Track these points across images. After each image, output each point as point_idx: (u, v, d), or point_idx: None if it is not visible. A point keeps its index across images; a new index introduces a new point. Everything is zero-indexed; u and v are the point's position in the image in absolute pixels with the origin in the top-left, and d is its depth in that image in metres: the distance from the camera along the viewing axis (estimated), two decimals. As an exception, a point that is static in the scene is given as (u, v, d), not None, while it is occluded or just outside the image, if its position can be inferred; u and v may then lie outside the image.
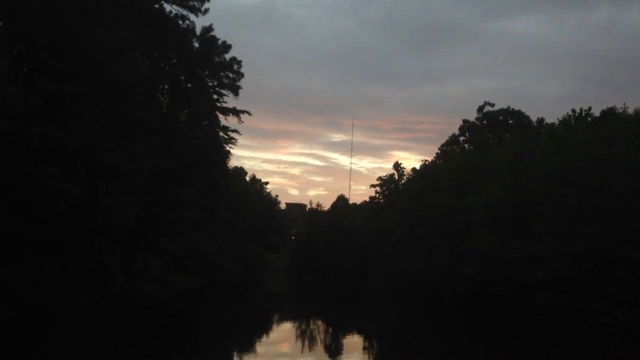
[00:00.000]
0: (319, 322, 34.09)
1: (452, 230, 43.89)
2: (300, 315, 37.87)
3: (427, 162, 65.74)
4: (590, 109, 50.76)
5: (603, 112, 46.89)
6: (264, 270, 73.61)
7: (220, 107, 48.91)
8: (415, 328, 33.36)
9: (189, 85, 45.08)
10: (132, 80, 26.74)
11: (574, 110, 51.14)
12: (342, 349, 24.16)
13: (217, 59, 47.01)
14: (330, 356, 22.03)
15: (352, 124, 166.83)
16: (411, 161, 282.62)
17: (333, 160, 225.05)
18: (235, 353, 21.48)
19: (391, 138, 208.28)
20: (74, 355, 18.06)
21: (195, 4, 40.72)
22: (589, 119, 49.00)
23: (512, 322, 32.98)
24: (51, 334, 20.70)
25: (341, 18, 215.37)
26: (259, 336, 26.39)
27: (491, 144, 55.52)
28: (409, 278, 53.17)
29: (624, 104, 49.45)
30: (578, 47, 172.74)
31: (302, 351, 22.28)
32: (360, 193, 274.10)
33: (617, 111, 43.82)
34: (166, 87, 42.93)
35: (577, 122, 48.21)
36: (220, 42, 46.58)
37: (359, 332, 30.07)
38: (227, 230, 58.15)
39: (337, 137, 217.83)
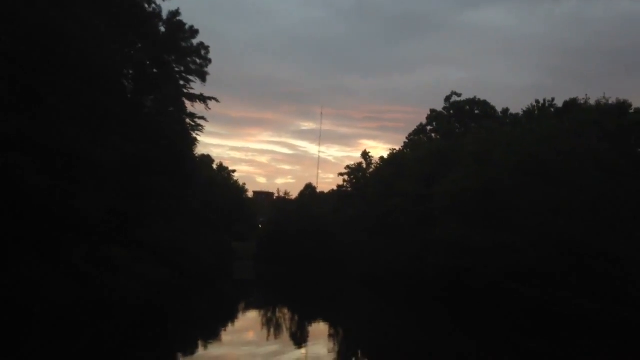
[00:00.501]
0: (285, 310, 34.21)
1: (420, 218, 44.48)
2: (267, 303, 37.93)
3: (395, 151, 66.28)
4: (553, 99, 51.94)
5: (566, 103, 47.96)
6: (232, 258, 73.20)
7: (187, 93, 48.10)
8: (382, 315, 33.73)
9: (154, 70, 44.17)
10: (96, 65, 26.03)
11: (537, 101, 52.29)
12: (307, 336, 24.35)
13: (184, 44, 46.16)
14: (295, 343, 22.17)
15: (321, 112, 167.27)
16: (380, 150, 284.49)
17: (302, 149, 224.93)
18: (201, 342, 21.43)
19: (360, 127, 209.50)
20: (50, 350, 17.72)
21: (162, -12, 39.85)
22: (552, 109, 50.11)
23: (482, 310, 33.64)
24: (25, 329, 20.21)
25: (312, 6, 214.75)
26: (224, 325, 26.40)
27: (458, 133, 56.29)
28: (378, 266, 53.66)
29: (586, 95, 50.68)
30: (544, 38, 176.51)
31: (267, 339, 22.38)
32: (328, 182, 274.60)
33: (579, 102, 44.86)
34: (131, 72, 41.91)
35: (541, 112, 49.29)
36: (187, 27, 45.75)
37: (325, 320, 30.28)
38: (196, 219, 57.51)
39: (307, 125, 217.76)
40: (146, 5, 41.72)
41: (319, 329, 27.40)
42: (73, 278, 23.32)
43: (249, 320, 29.24)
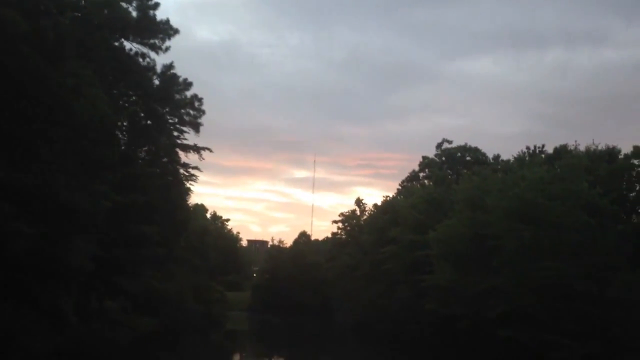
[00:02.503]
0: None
1: (414, 265, 44.20)
2: (262, 354, 37.13)
3: (388, 198, 66.42)
4: (543, 146, 52.45)
5: (556, 149, 48.44)
6: (225, 309, 72.06)
7: (180, 144, 48.38)
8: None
9: (148, 122, 44.63)
10: (90, 117, 26.31)
11: (528, 147, 52.78)
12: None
13: (177, 96, 46.73)
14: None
15: (314, 161, 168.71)
16: (374, 197, 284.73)
17: (296, 197, 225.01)
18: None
19: (354, 174, 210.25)
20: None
21: (156, 42, 40.68)
22: (543, 155, 50.59)
23: (477, 356, 33.08)
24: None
25: (304, 58, 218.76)
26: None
27: (450, 179, 56.58)
28: (373, 314, 52.98)
29: (576, 141, 51.41)
30: (533, 86, 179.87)
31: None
32: (322, 229, 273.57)
33: (569, 148, 45.35)
34: (125, 124, 42.33)
35: (532, 158, 49.76)
36: (181, 79, 46.41)
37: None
38: (188, 269, 56.93)
39: (301, 173, 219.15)
40: (140, 60, 42.55)
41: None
42: (54, 326, 22.84)
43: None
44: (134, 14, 38.41)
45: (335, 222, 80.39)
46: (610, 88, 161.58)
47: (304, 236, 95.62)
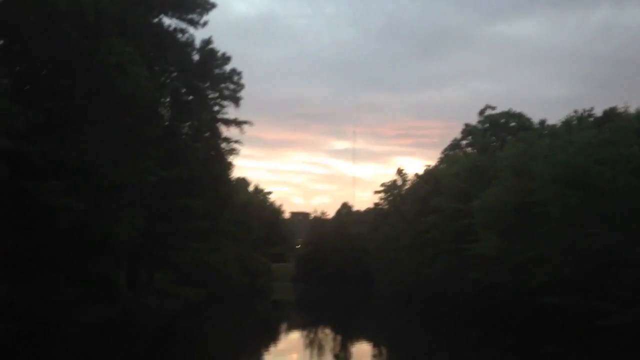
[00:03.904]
0: (327, 331, 33.98)
1: (457, 234, 43.76)
2: (307, 323, 37.79)
3: (430, 167, 65.65)
4: (592, 109, 50.58)
5: (605, 112, 46.76)
6: (270, 280, 73.52)
7: (221, 118, 48.93)
8: (423, 334, 33.21)
9: (190, 97, 45.25)
10: (133, 95, 26.81)
11: (575, 111, 50.90)
12: (351, 358, 24.05)
13: (217, 70, 47.15)
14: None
15: (354, 132, 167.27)
16: (415, 166, 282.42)
17: (336, 168, 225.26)
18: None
19: (394, 144, 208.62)
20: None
21: (194, 17, 40.98)
22: (591, 119, 48.87)
23: (520, 325, 32.82)
24: (59, 349, 20.68)
25: (341, 27, 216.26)
26: (267, 346, 26.30)
27: (494, 147, 55.38)
28: (414, 284, 52.98)
29: (626, 103, 49.39)
30: (578, 48, 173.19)
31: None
32: (364, 200, 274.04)
33: (618, 111, 43.70)
34: (167, 100, 43.06)
35: (579, 122, 48.13)
36: (219, 54, 46.77)
37: (368, 340, 29.95)
38: (232, 241, 58.12)
39: (340, 144, 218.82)
40: (180, 35, 42.96)
41: (362, 350, 27.08)
42: (105, 298, 23.78)
43: (291, 341, 29.09)
44: (171, -11, 38.70)
45: (377, 192, 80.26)
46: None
47: (345, 207, 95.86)
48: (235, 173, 65.58)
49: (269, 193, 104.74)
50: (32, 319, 21.11)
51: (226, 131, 49.37)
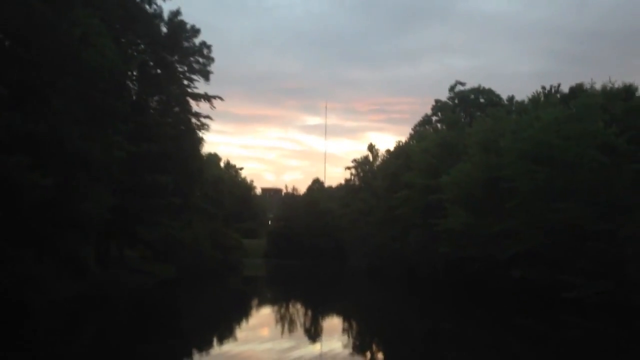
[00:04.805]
0: (299, 305, 34.26)
1: (427, 209, 44.44)
2: (279, 299, 38.03)
3: (401, 143, 66.15)
4: (559, 85, 51.41)
5: (571, 89, 47.47)
6: (242, 256, 73.59)
7: (191, 92, 48.20)
8: (394, 307, 33.77)
9: (158, 71, 44.38)
10: (100, 67, 26.18)
11: (543, 87, 51.69)
12: (322, 331, 24.33)
13: (186, 43, 46.28)
14: (310, 338, 22.15)
15: (326, 106, 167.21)
16: (387, 142, 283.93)
17: (308, 144, 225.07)
18: (215, 338, 21.45)
19: (366, 120, 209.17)
20: (51, 346, 17.85)
21: (162, -13, 39.96)
22: (558, 95, 49.68)
23: (489, 298, 33.68)
24: (26, 325, 20.45)
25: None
26: (238, 322, 26.42)
27: (463, 122, 56.02)
28: (386, 258, 53.83)
29: (592, 79, 50.23)
30: (549, 23, 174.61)
31: (282, 334, 22.38)
32: (336, 175, 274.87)
33: (585, 87, 44.47)
34: (135, 73, 42.13)
35: (546, 98, 48.90)
36: (189, 26, 45.86)
37: (339, 314, 30.31)
38: (203, 217, 57.84)
39: (313, 120, 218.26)
40: (147, 7, 41.89)
41: (333, 323, 27.40)
42: (74, 274, 23.53)
43: (262, 316, 29.25)
44: (138, -41, 37.64)
45: (348, 168, 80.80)
46: (628, 22, 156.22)
47: (317, 183, 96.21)
48: (206, 148, 65.12)
49: (241, 169, 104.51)
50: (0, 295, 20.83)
51: (196, 106, 48.77)
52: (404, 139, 71.87)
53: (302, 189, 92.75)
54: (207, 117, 49.80)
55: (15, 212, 21.55)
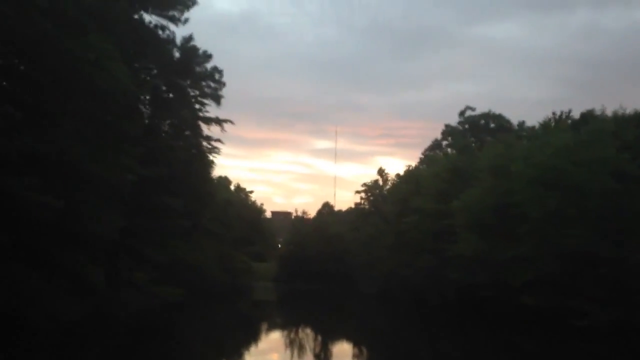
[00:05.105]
0: (309, 330, 33.98)
1: (437, 234, 44.11)
2: (289, 323, 37.74)
3: (410, 168, 66.11)
4: (570, 111, 51.37)
5: (582, 115, 47.41)
6: (251, 279, 73.28)
7: (202, 116, 48.64)
8: (403, 332, 33.38)
9: (170, 95, 44.90)
10: (112, 91, 26.54)
11: (554, 113, 51.68)
12: (331, 357, 24.07)
13: (198, 68, 46.88)
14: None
15: (336, 131, 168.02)
16: (396, 166, 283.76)
17: (318, 168, 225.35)
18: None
19: (375, 144, 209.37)
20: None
21: (175, 14, 40.64)
22: (569, 121, 49.55)
23: (500, 324, 33.18)
24: (32, 345, 20.41)
25: (324, 25, 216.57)
26: (247, 346, 26.20)
27: (473, 147, 55.95)
28: (396, 283, 53.29)
29: (603, 105, 50.11)
30: (558, 50, 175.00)
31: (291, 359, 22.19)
32: (345, 200, 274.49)
33: (596, 113, 44.36)
34: (147, 97, 42.65)
35: (557, 124, 48.77)
36: (201, 51, 46.48)
37: (348, 339, 30.00)
38: (213, 240, 57.83)
39: (322, 144, 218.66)
40: (160, 32, 42.59)
41: (343, 349, 27.11)
42: (81, 295, 23.51)
43: (271, 341, 29.00)
44: (152, -15, 38.37)
45: (358, 192, 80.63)
46: (638, 50, 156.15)
47: (327, 207, 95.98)
48: (217, 172, 65.39)
49: (251, 192, 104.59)
50: (6, 315, 20.82)
51: (207, 130, 49.14)
52: (413, 163, 71.96)
53: (312, 213, 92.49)
54: (218, 140, 50.20)
55: (25, 233, 21.69)
